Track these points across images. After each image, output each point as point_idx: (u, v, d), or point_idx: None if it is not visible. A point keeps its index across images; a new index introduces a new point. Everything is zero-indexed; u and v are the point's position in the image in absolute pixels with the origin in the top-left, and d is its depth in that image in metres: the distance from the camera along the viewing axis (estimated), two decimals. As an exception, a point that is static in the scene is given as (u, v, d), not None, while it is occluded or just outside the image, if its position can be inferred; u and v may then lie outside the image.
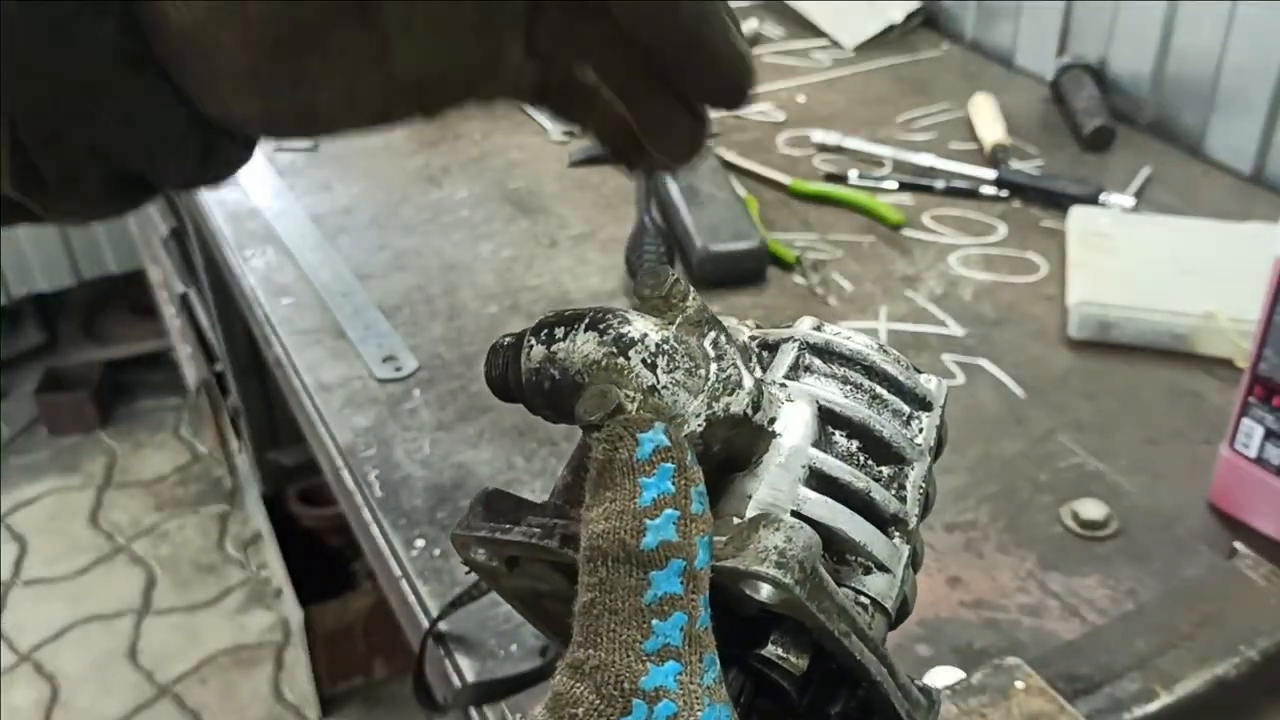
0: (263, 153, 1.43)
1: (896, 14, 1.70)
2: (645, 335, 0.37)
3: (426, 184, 1.36)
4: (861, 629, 0.36)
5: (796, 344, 0.43)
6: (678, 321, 0.39)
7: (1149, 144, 1.40)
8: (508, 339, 0.41)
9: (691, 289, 0.40)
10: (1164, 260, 1.12)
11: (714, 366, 0.38)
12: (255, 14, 0.36)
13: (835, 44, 1.70)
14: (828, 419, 0.40)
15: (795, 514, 0.38)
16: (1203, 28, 1.34)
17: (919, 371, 0.44)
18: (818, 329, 0.43)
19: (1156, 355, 1.03)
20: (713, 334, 0.39)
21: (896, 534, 0.40)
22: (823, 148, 1.41)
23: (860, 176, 1.33)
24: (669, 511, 0.34)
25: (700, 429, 0.37)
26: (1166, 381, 1.01)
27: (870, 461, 0.41)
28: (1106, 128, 1.38)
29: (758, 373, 0.40)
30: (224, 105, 0.38)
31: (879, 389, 0.42)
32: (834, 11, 1.74)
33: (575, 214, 1.29)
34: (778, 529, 0.35)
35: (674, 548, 0.34)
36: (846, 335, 0.43)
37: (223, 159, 0.41)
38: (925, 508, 0.43)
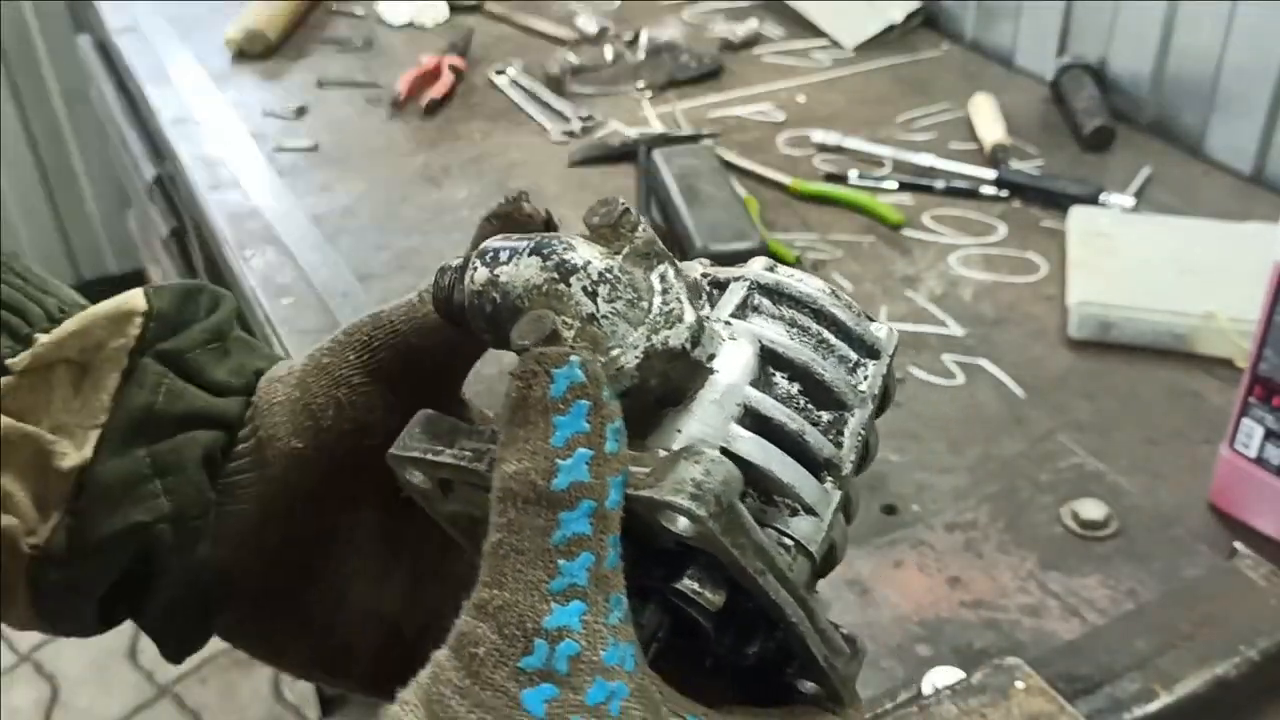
0: (263, 152, 1.43)
1: (896, 14, 1.70)
2: (589, 263, 0.37)
3: (426, 184, 1.36)
4: (780, 569, 0.35)
5: (747, 283, 0.42)
6: (624, 252, 0.38)
7: (1149, 144, 1.40)
8: (456, 261, 0.40)
9: (643, 220, 0.39)
10: (1164, 260, 1.12)
11: (658, 300, 0.38)
12: (331, 446, 0.45)
13: (835, 44, 1.70)
14: (769, 360, 0.40)
15: (724, 451, 0.37)
16: (1203, 28, 1.34)
17: (871, 319, 0.43)
18: (770, 269, 0.42)
19: (1156, 355, 1.03)
20: (661, 268, 0.38)
21: (829, 479, 0.39)
22: (823, 148, 1.41)
23: (860, 176, 1.33)
24: (582, 451, 0.33)
25: (638, 360, 0.37)
26: (1166, 381, 1.01)
27: (810, 405, 0.40)
28: (1106, 128, 1.38)
29: (705, 310, 0.40)
30: (247, 546, 0.45)
31: (826, 333, 0.41)
32: (834, 11, 1.74)
33: (575, 214, 1.28)
34: (697, 462, 0.34)
35: (585, 488, 0.33)
36: (799, 277, 0.42)
37: (197, 633, 0.47)
38: (865, 457, 0.42)
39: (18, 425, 0.42)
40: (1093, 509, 0.85)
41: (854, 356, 0.42)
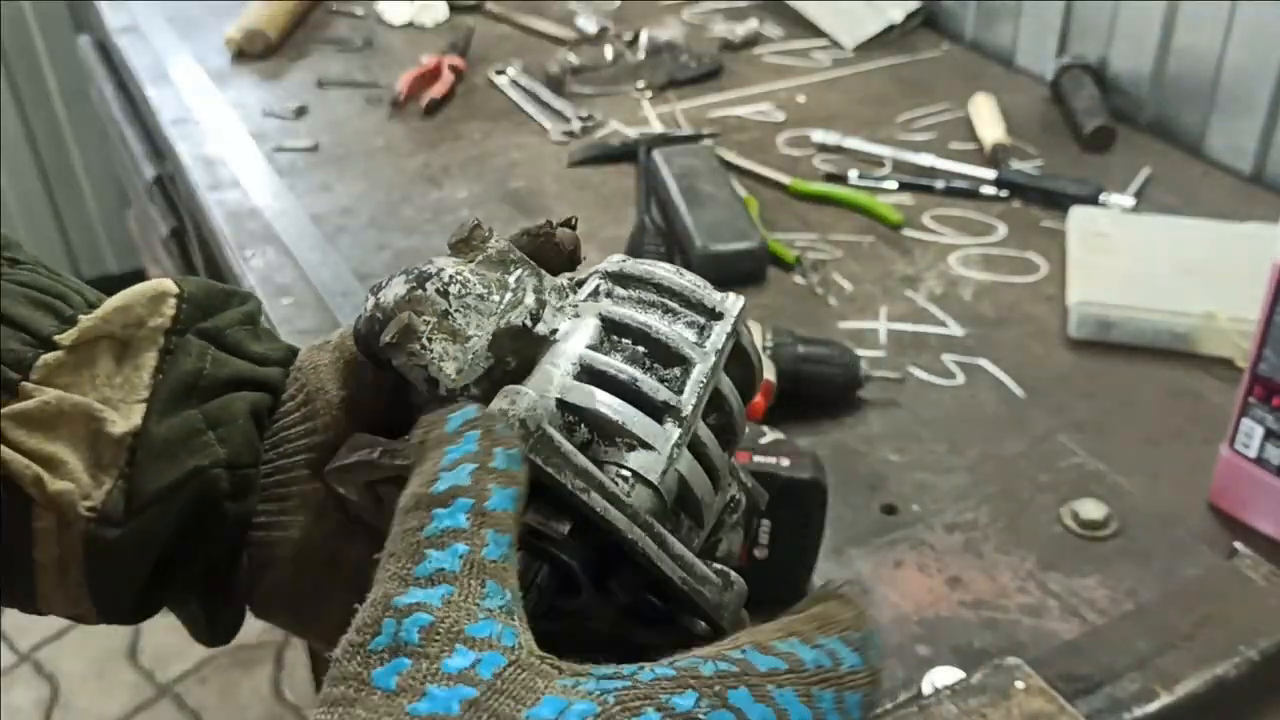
0: (263, 152, 1.43)
1: (896, 14, 1.70)
2: (441, 270, 0.43)
3: (426, 184, 1.36)
4: (612, 493, 0.38)
5: (598, 274, 0.46)
6: (478, 259, 0.44)
7: (1149, 144, 1.40)
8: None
9: (493, 233, 0.45)
10: (1164, 260, 1.12)
11: (508, 295, 0.43)
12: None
13: (835, 44, 1.70)
14: (613, 329, 0.44)
15: (559, 401, 0.41)
16: (1203, 28, 1.34)
17: (717, 292, 0.47)
18: (620, 262, 0.47)
19: (1156, 355, 1.03)
20: (518, 272, 0.44)
21: (669, 420, 0.42)
22: (823, 148, 1.41)
23: (860, 176, 1.33)
24: (467, 465, 0.35)
25: (488, 341, 0.42)
26: (1166, 381, 1.01)
27: (657, 365, 0.44)
28: (1106, 128, 1.38)
29: (566, 300, 0.45)
30: (292, 499, 0.47)
31: (671, 303, 0.46)
32: (834, 11, 1.74)
33: (575, 214, 1.29)
34: (504, 396, 0.39)
35: (462, 489, 0.34)
36: (646, 262, 0.47)
37: (240, 599, 0.49)
38: (725, 409, 0.45)
39: (67, 395, 0.44)
40: (1093, 509, 0.85)
41: (701, 321, 0.46)
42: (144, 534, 0.44)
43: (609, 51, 1.67)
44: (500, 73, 1.62)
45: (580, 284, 0.47)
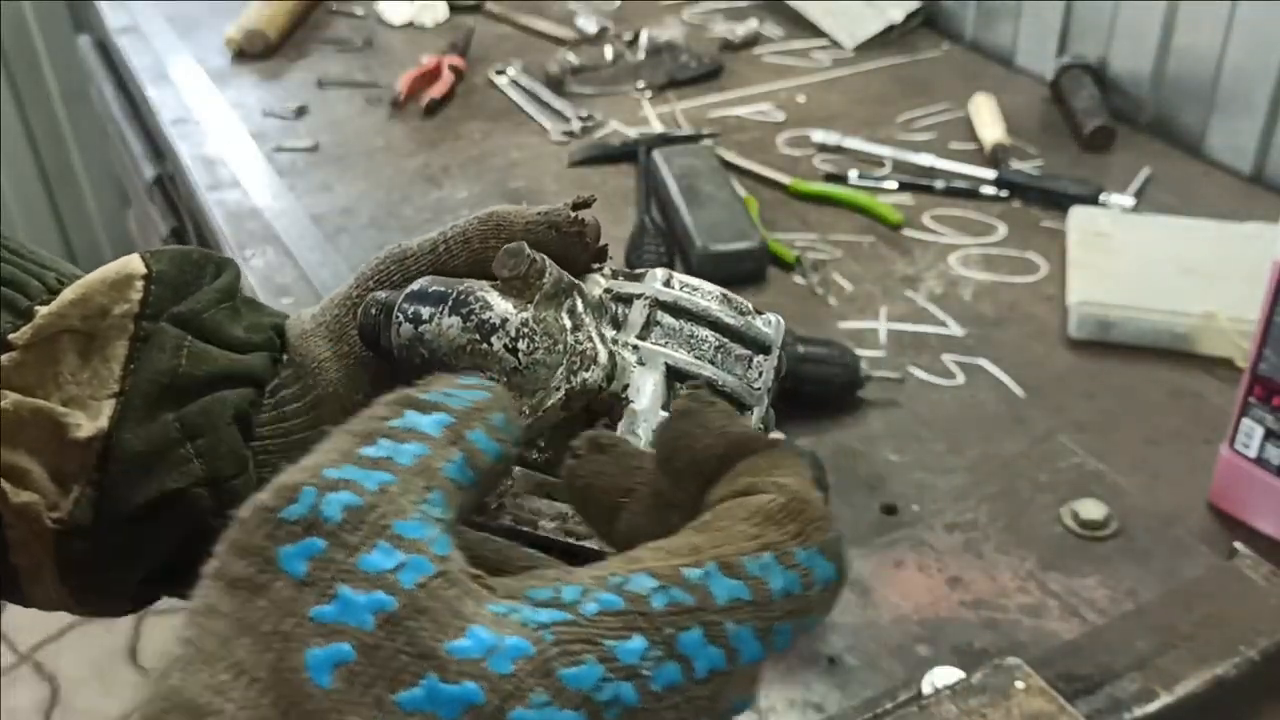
0: (263, 152, 1.43)
1: (896, 14, 1.70)
2: (506, 320, 0.40)
3: (426, 184, 1.36)
4: None
5: (647, 301, 0.45)
6: (536, 300, 0.41)
7: (1149, 144, 1.40)
8: (383, 296, 0.44)
9: (548, 263, 0.42)
10: (1164, 260, 1.12)
11: (569, 337, 0.42)
12: None
13: (835, 44, 1.70)
14: (675, 376, 0.44)
15: None
16: (1203, 28, 1.34)
17: (760, 313, 0.47)
18: (667, 283, 0.46)
19: (1156, 355, 1.03)
20: (569, 302, 0.42)
21: None
22: (823, 148, 1.41)
23: (860, 176, 1.33)
24: (469, 397, 0.31)
25: (561, 400, 0.41)
26: (1166, 381, 1.01)
27: None
28: (1106, 128, 1.38)
29: (610, 332, 0.44)
30: None
31: (723, 339, 0.46)
32: (834, 11, 1.74)
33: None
34: None
35: (447, 408, 0.30)
36: (693, 288, 0.46)
37: None
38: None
39: (26, 400, 0.41)
40: (1093, 509, 0.85)
41: (748, 354, 0.46)
42: (118, 548, 0.42)
43: (609, 51, 1.67)
44: (500, 73, 1.62)
45: (620, 298, 0.46)
